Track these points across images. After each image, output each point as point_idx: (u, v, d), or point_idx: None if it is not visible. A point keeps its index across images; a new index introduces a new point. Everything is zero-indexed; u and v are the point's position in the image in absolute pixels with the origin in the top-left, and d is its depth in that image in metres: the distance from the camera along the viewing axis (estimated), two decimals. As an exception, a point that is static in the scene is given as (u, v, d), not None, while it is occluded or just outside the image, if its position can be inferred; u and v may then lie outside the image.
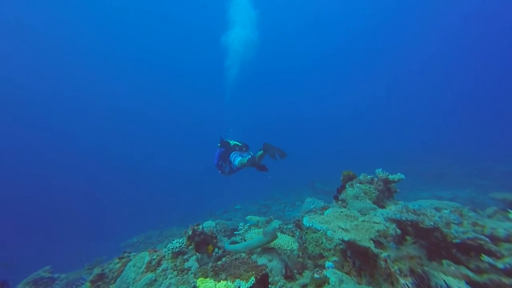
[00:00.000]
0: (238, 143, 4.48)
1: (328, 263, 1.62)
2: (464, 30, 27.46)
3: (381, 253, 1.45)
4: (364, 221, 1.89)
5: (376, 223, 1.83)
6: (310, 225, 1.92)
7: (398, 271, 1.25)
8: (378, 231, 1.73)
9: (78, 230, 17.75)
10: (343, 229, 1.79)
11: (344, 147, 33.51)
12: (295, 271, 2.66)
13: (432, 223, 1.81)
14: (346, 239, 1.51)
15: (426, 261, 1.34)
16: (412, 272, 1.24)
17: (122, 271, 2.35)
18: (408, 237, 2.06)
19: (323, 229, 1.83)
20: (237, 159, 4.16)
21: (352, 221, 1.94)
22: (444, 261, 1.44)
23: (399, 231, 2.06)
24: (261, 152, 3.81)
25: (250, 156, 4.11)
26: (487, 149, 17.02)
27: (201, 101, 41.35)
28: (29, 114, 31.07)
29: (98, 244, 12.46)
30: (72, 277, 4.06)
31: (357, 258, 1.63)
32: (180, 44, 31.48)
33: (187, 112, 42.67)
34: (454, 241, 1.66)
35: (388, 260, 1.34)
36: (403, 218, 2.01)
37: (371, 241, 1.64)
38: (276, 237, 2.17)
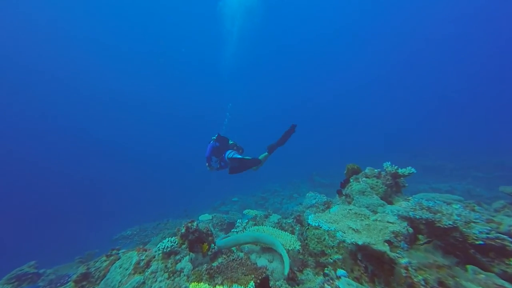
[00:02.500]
0: (236, 143, 4.59)
1: (340, 271, 1.44)
2: (465, 21, 26.83)
3: (400, 258, 1.26)
4: (376, 220, 1.71)
5: (391, 222, 1.65)
6: (317, 224, 1.73)
7: (423, 282, 1.07)
8: (393, 232, 1.55)
9: (73, 219, 17.61)
10: (353, 229, 1.59)
11: (341, 141, 33.65)
12: (295, 268, 2.53)
13: (451, 223, 1.63)
14: (360, 243, 1.32)
15: (457, 270, 1.16)
16: (441, 284, 1.06)
17: (108, 271, 2.15)
18: (420, 236, 1.90)
19: (331, 230, 1.64)
20: (237, 156, 4.24)
21: (362, 220, 1.75)
22: (469, 267, 1.26)
23: (411, 230, 1.89)
24: (266, 153, 3.94)
25: (252, 157, 4.18)
26: (479, 143, 17.26)
27: (202, 95, 40.26)
28: (31, 105, 29.84)
29: (93, 234, 12.35)
30: (59, 272, 3.88)
31: (370, 262, 1.45)
32: (180, 35, 30.10)
33: (187, 106, 41.73)
34: (477, 242, 1.49)
35: (409, 268, 1.15)
36: (417, 217, 1.84)
37: (386, 244, 1.45)
38: (259, 242, 2.03)
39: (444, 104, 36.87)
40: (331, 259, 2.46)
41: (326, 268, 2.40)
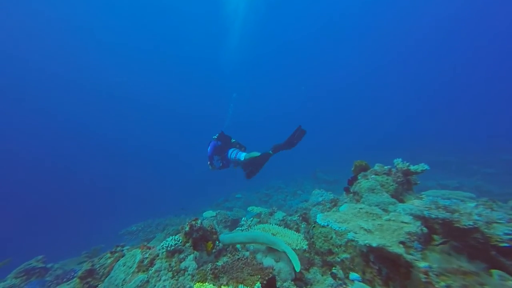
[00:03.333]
0: (238, 141, 4.58)
1: (353, 275, 1.36)
2: (469, 14, 25.63)
3: (418, 261, 1.17)
4: (389, 220, 1.62)
5: (405, 223, 1.55)
6: (326, 224, 1.65)
7: (446, 289, 0.98)
8: (408, 233, 1.45)
9: (81, 215, 18.01)
10: (366, 230, 1.51)
11: (342, 137, 33.25)
12: (301, 267, 2.47)
13: (471, 223, 1.53)
14: (374, 245, 1.23)
15: (486, 277, 1.06)
16: (467, 292, 0.97)
17: (112, 269, 2.13)
18: (435, 237, 1.80)
19: (341, 230, 1.56)
20: (242, 154, 4.20)
21: (374, 219, 1.67)
22: (495, 272, 1.17)
23: (425, 230, 1.80)
24: (270, 152, 3.93)
25: (261, 153, 4.11)
26: (483, 140, 16.82)
27: (204, 92, 39.94)
28: (35, 104, 30.22)
29: (99, 229, 12.61)
30: (67, 267, 3.93)
31: (383, 264, 1.36)
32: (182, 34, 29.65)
33: (189, 104, 41.53)
34: (501, 245, 1.39)
35: (430, 273, 1.06)
36: (433, 216, 1.73)
37: (401, 245, 1.36)
38: (256, 242, 2.01)
39: (446, 100, 35.97)
40: (338, 258, 2.39)
41: (333, 268, 2.33)
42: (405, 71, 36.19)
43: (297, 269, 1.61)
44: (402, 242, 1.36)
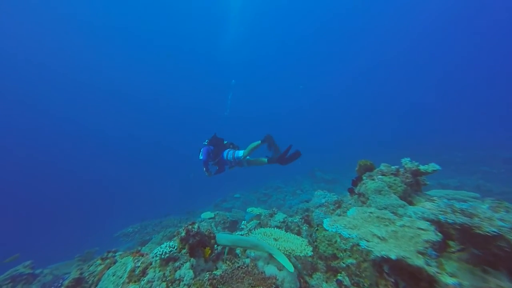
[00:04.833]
0: (231, 142, 4.52)
1: None
2: (472, 14, 25.59)
3: (442, 275, 1.03)
4: (404, 226, 1.48)
5: (422, 229, 1.42)
6: (335, 230, 1.51)
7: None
8: (427, 241, 1.32)
9: (76, 215, 17.73)
10: (379, 237, 1.37)
11: (342, 136, 33.27)
12: (304, 272, 2.34)
13: (495, 230, 1.40)
14: (393, 257, 1.09)
15: None
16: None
17: (101, 278, 1.97)
18: (451, 243, 1.67)
19: (352, 237, 1.41)
20: (240, 151, 4.17)
21: (387, 225, 1.53)
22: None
23: (440, 235, 1.66)
24: (269, 134, 3.99)
25: (261, 140, 4.12)
26: (486, 137, 16.88)
27: (203, 90, 39.39)
28: (29, 102, 29.53)
29: (95, 230, 12.37)
30: (58, 271, 3.76)
31: (401, 277, 1.23)
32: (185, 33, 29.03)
33: (189, 103, 40.96)
34: (529, 254, 1.26)
35: (460, 292, 0.92)
36: (450, 221, 1.60)
37: (421, 256, 1.23)
38: (237, 246, 1.97)
39: (444, 99, 36.17)
40: (343, 263, 2.25)
41: (339, 274, 2.20)
42: (403, 70, 36.26)
43: (291, 270, 1.52)
44: (420, 252, 1.22)
